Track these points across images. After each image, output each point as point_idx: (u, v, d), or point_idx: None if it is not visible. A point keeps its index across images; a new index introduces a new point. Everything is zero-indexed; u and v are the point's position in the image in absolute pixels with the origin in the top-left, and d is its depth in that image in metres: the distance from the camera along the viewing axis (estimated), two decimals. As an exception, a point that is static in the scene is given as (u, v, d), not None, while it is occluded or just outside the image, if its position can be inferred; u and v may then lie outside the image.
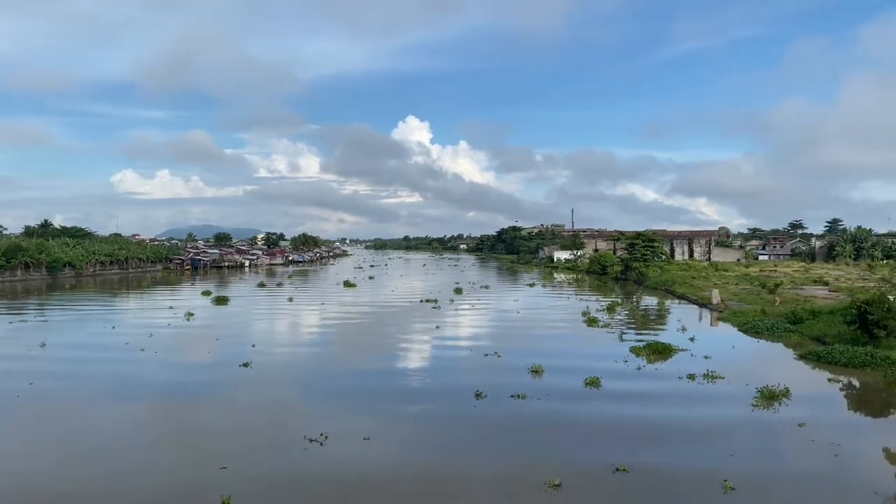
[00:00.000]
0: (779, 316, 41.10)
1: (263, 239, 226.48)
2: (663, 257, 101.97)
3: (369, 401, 23.21)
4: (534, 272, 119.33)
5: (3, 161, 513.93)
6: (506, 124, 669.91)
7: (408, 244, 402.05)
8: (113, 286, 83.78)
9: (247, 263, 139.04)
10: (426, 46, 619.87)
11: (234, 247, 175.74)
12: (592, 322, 43.35)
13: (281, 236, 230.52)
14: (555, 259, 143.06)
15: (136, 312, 53.14)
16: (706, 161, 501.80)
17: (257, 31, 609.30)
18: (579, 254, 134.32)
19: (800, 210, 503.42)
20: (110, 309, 55.74)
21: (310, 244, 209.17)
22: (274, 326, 44.81)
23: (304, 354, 33.23)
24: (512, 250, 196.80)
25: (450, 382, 26.04)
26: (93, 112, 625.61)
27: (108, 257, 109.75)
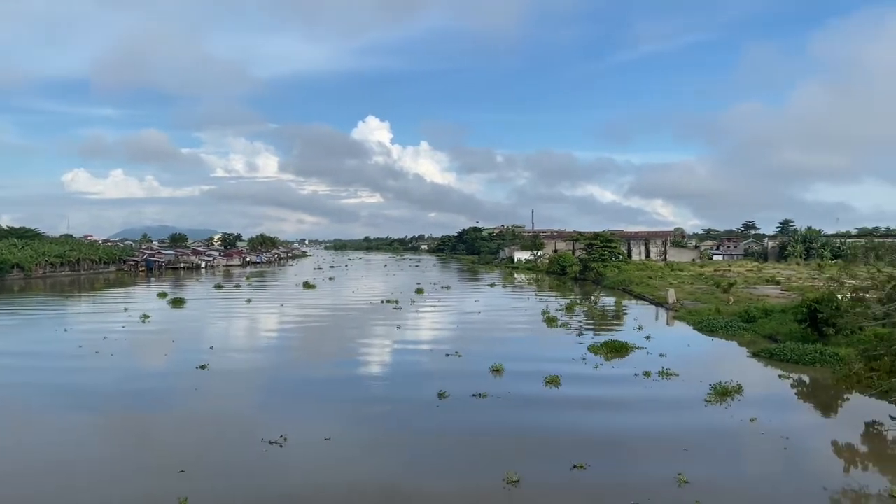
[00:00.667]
0: (732, 315, 42.07)
1: (220, 240, 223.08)
2: (621, 257, 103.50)
3: (331, 403, 23.11)
4: (494, 272, 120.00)
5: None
6: (467, 125, 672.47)
7: (368, 245, 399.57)
8: (64, 288, 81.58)
9: (203, 265, 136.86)
10: (386, 46, 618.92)
11: (191, 248, 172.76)
12: (552, 322, 43.84)
13: (238, 237, 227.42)
14: (515, 259, 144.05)
15: (89, 315, 51.79)
16: (663, 163, 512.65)
17: (214, 28, 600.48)
18: (539, 254, 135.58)
19: (753, 211, 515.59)
20: (62, 312, 54.22)
21: (268, 245, 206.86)
22: (232, 329, 44.22)
23: (263, 356, 32.88)
24: (473, 251, 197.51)
25: (412, 383, 26.09)
26: (43, 110, 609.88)
27: (59, 259, 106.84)
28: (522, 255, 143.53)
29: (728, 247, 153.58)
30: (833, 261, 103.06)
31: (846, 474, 16.20)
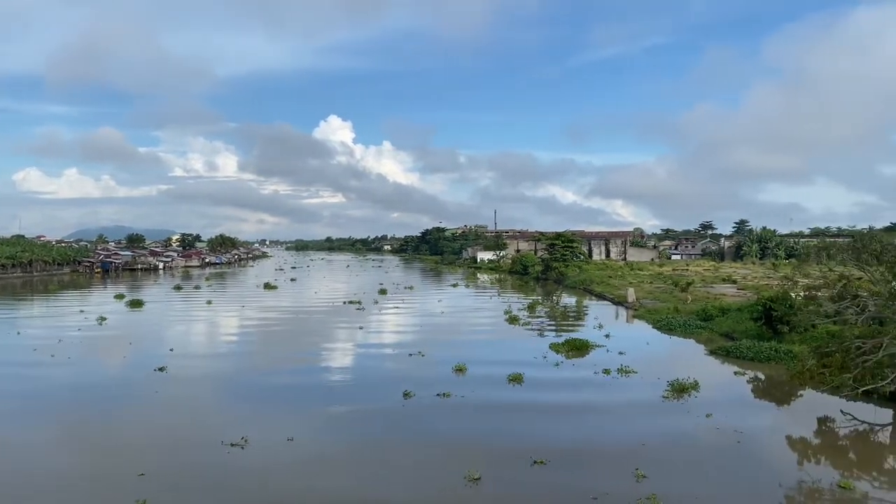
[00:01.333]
0: (690, 313, 42.95)
1: (179, 240, 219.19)
2: (582, 257, 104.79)
3: (293, 404, 22.99)
4: (458, 273, 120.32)
5: None
6: (430, 125, 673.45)
7: (330, 245, 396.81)
8: (16, 290, 79.32)
9: (161, 266, 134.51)
10: (350, 46, 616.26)
11: (148, 248, 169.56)
12: (514, 321, 44.21)
13: (197, 237, 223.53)
14: (478, 259, 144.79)
15: (44, 318, 50.47)
16: (623, 164, 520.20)
17: (173, 26, 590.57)
18: (502, 254, 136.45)
19: (710, 211, 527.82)
20: (13, 315, 52.76)
21: (228, 245, 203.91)
22: (191, 330, 43.55)
23: (224, 359, 32.45)
24: (436, 251, 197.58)
25: (375, 384, 26.09)
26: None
27: (10, 260, 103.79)
28: (485, 256, 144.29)
29: (686, 246, 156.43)
30: (787, 260, 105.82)
31: (800, 468, 16.74)
